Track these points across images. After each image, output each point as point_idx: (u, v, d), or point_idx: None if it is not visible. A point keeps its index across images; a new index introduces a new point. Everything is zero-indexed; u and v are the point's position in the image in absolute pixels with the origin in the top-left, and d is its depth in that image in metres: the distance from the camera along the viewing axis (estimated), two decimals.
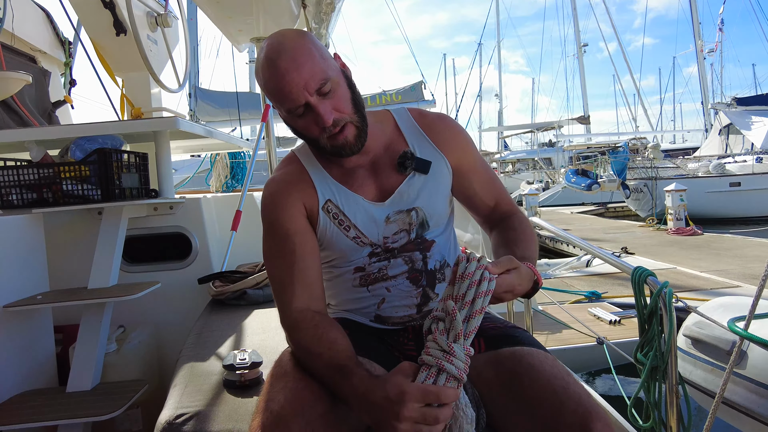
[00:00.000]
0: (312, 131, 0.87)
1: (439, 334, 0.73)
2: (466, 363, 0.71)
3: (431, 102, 7.86)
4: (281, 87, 0.83)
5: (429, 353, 0.72)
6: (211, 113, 7.65)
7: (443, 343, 0.71)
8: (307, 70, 0.82)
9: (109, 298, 1.52)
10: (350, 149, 0.88)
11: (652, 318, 1.30)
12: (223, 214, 2.34)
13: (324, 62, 0.85)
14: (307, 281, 0.88)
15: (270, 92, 0.86)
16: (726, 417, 1.63)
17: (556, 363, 0.84)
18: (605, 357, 2.36)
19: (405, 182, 0.94)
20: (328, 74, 0.84)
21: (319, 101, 0.83)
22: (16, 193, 1.67)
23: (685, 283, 4.95)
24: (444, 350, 0.71)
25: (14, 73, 1.77)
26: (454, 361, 0.70)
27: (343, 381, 0.75)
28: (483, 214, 1.04)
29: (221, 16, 2.31)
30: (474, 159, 1.01)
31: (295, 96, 0.83)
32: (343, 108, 0.86)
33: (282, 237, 0.91)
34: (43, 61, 2.83)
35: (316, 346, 0.80)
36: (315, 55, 0.84)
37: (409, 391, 0.68)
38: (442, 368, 0.70)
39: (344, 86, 0.87)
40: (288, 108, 0.85)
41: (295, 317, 0.85)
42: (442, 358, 0.70)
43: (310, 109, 0.84)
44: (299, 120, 0.87)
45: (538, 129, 25.31)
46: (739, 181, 12.05)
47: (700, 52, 20.06)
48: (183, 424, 0.96)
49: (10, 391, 1.43)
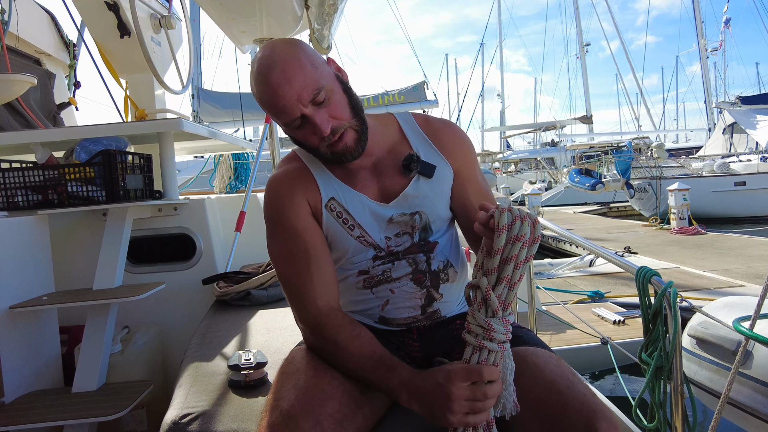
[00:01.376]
0: (311, 141, 0.87)
1: (477, 310, 0.74)
2: (506, 334, 0.73)
3: (434, 102, 7.83)
4: (275, 102, 0.83)
5: (471, 330, 0.75)
6: (214, 114, 7.66)
7: (481, 321, 0.73)
8: (298, 82, 0.82)
9: (113, 298, 1.53)
10: (351, 155, 0.88)
11: (657, 318, 1.30)
12: (227, 215, 2.35)
13: (316, 71, 0.84)
14: (325, 278, 0.88)
15: (266, 107, 0.86)
16: (731, 417, 1.62)
17: (561, 363, 0.84)
18: (610, 357, 2.35)
19: (411, 185, 0.94)
20: (320, 83, 0.84)
21: (315, 111, 0.83)
22: (22, 194, 1.68)
23: (689, 282, 4.93)
24: (483, 326, 0.73)
25: (19, 76, 1.78)
26: (495, 336, 0.72)
27: (389, 374, 0.78)
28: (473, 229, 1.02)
29: (224, 18, 2.32)
30: (474, 169, 1.01)
31: (290, 110, 0.83)
32: (340, 114, 0.86)
33: (291, 236, 0.90)
34: (48, 64, 2.85)
35: (355, 342, 0.82)
36: (306, 64, 0.83)
37: (454, 370, 0.72)
38: (483, 346, 0.73)
39: (340, 92, 0.87)
40: (285, 122, 0.85)
41: (322, 316, 0.86)
42: (482, 335, 0.73)
43: (306, 121, 0.84)
44: (298, 131, 0.87)
45: (541, 129, 25.24)
46: (744, 180, 11.99)
47: (703, 50, 19.97)
48: (188, 424, 0.97)
49: (16, 392, 1.44)
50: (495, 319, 0.73)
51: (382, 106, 7.68)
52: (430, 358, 0.92)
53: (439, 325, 0.96)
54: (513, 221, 0.73)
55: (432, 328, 0.96)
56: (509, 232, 0.72)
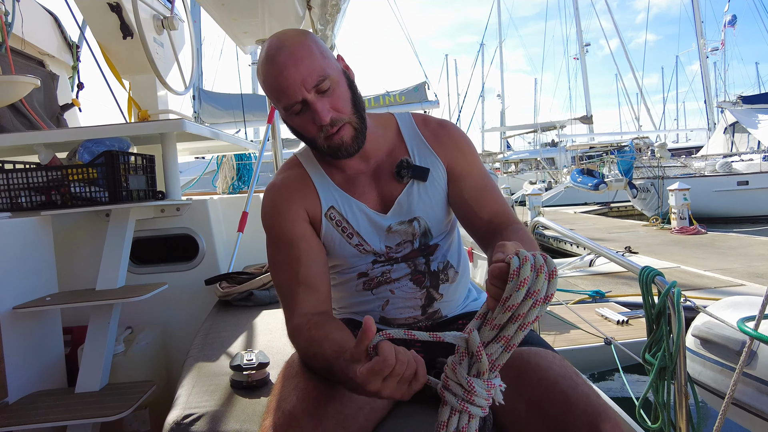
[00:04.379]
0: (309, 130, 0.86)
1: (458, 363, 0.64)
2: (488, 399, 0.63)
3: (435, 103, 7.83)
4: (279, 83, 0.82)
5: (448, 385, 0.64)
6: (215, 115, 7.67)
7: (462, 378, 0.63)
8: (305, 66, 0.81)
9: (116, 299, 1.53)
10: (346, 150, 0.87)
11: (660, 318, 1.29)
12: (230, 216, 2.35)
13: (324, 60, 0.84)
14: (312, 285, 0.87)
15: (269, 89, 0.85)
16: (736, 418, 1.61)
17: (564, 363, 0.83)
18: (613, 357, 2.34)
19: (404, 192, 0.93)
20: (327, 72, 0.83)
21: (317, 98, 0.82)
22: (25, 195, 1.68)
23: (690, 281, 4.92)
24: (463, 386, 0.63)
25: (23, 77, 1.78)
26: (475, 400, 0.62)
27: (333, 375, 0.73)
28: (477, 226, 0.93)
29: (226, 19, 2.32)
30: (470, 164, 0.96)
31: (292, 92, 0.82)
32: (342, 108, 0.85)
33: (286, 245, 0.90)
34: (52, 65, 2.85)
35: (311, 348, 0.79)
36: (314, 52, 0.83)
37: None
38: (465, 409, 0.63)
39: (344, 86, 0.86)
40: (285, 104, 0.84)
41: (296, 323, 0.85)
42: (461, 396, 0.63)
43: (307, 107, 0.83)
44: (297, 118, 0.86)
45: (541, 129, 25.23)
46: (747, 180, 11.96)
47: (703, 50, 19.95)
48: (191, 425, 0.97)
49: (20, 392, 1.44)
50: (478, 380, 0.63)
51: (383, 107, 7.68)
52: (432, 359, 0.92)
53: (441, 325, 0.96)
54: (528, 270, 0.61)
55: (433, 328, 0.96)
56: (528, 288, 0.60)
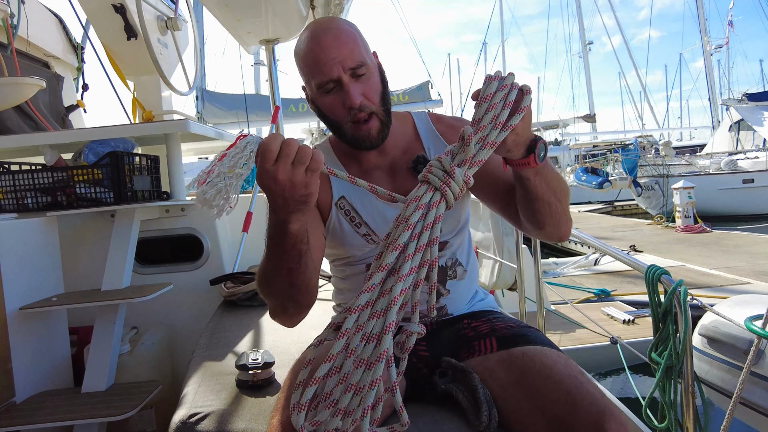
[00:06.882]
0: (338, 112, 0.88)
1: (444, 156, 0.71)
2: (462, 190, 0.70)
3: (438, 102, 7.83)
4: (319, 58, 0.84)
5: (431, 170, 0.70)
6: (218, 115, 7.70)
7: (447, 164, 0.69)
8: (347, 48, 0.85)
9: (122, 299, 1.54)
10: (371, 142, 0.89)
11: (667, 317, 1.29)
12: (235, 216, 2.34)
13: (365, 50, 0.88)
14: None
15: (306, 64, 0.87)
16: (744, 417, 1.60)
17: (570, 362, 0.83)
18: (619, 356, 2.34)
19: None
20: (366, 59, 0.87)
21: (351, 81, 0.85)
22: (31, 196, 1.69)
23: (695, 280, 4.90)
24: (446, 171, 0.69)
25: (29, 79, 1.79)
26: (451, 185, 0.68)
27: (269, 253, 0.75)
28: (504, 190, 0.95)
29: (230, 19, 2.33)
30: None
31: (329, 69, 0.84)
32: (372, 97, 0.87)
33: None
34: (57, 66, 2.87)
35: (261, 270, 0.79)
36: (358, 40, 0.87)
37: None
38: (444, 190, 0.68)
39: (377, 79, 0.89)
40: (320, 81, 0.86)
41: None
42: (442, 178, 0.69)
43: (340, 87, 0.85)
44: (327, 97, 0.87)
45: (544, 127, 25.13)
46: (752, 178, 11.89)
47: (707, 49, 19.82)
48: (196, 424, 0.97)
49: (27, 392, 1.45)
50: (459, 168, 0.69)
51: None
52: (437, 358, 0.92)
53: (447, 323, 0.96)
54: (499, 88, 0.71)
55: (439, 325, 0.96)
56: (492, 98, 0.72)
